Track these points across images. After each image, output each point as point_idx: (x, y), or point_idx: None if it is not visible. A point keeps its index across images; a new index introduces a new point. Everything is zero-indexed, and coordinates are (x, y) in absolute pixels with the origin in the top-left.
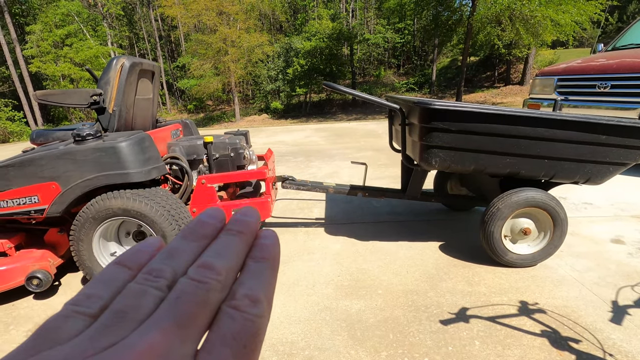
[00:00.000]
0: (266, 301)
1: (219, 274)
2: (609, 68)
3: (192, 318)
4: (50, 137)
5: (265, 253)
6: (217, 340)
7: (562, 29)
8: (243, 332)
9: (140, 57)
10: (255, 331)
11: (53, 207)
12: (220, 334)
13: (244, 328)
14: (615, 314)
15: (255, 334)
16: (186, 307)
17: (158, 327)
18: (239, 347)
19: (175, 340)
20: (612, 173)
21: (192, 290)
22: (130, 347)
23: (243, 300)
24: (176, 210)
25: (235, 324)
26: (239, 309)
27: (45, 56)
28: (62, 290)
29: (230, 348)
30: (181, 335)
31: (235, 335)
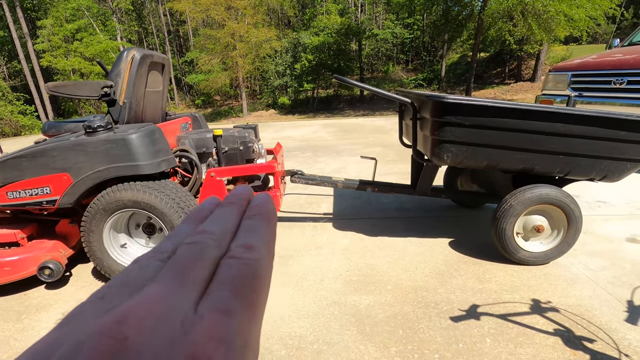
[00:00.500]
0: (264, 247)
1: (212, 233)
2: (626, 63)
3: (187, 269)
4: (62, 128)
5: (257, 210)
6: (216, 285)
7: (576, 24)
8: (241, 274)
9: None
10: (253, 272)
11: (64, 198)
12: (218, 279)
13: (241, 271)
14: (631, 314)
15: (254, 274)
16: (181, 262)
17: (156, 282)
18: (237, 286)
19: (174, 288)
20: (629, 170)
21: (187, 250)
22: (131, 300)
23: (238, 250)
24: (185, 203)
25: (232, 269)
26: (235, 257)
27: (56, 50)
28: (73, 280)
29: (229, 289)
30: (178, 284)
31: (233, 277)
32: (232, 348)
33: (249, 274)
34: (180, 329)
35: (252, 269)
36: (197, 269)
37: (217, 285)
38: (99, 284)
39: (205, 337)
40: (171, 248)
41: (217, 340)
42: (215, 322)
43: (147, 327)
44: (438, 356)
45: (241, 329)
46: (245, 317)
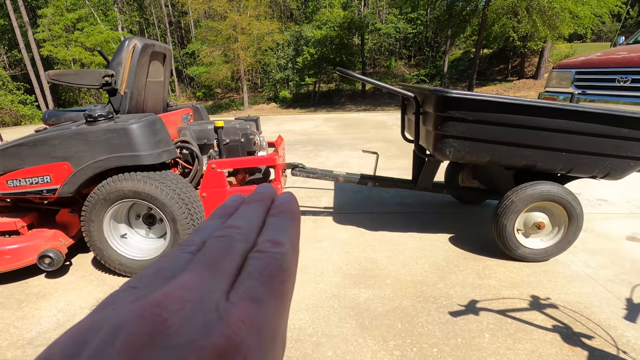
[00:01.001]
0: (289, 243)
1: (239, 228)
2: (631, 61)
3: (218, 260)
4: (62, 117)
5: (282, 208)
6: (245, 276)
7: (581, 22)
8: (269, 266)
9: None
10: (280, 265)
11: (65, 188)
12: (247, 271)
13: (269, 263)
14: (630, 312)
15: (281, 267)
16: (211, 253)
17: (188, 271)
18: (266, 277)
19: (206, 277)
20: (632, 168)
21: (216, 242)
22: (166, 287)
23: (265, 244)
24: (186, 194)
25: (260, 261)
26: (262, 251)
27: (57, 40)
28: (73, 269)
29: (258, 280)
30: (210, 274)
31: (262, 269)
32: (263, 334)
33: (276, 266)
34: (215, 314)
35: (279, 262)
36: (227, 260)
37: (246, 276)
38: (99, 274)
39: (239, 321)
40: (199, 241)
41: (249, 325)
42: (247, 309)
43: (184, 311)
44: (436, 350)
45: (271, 318)
46: (274, 307)
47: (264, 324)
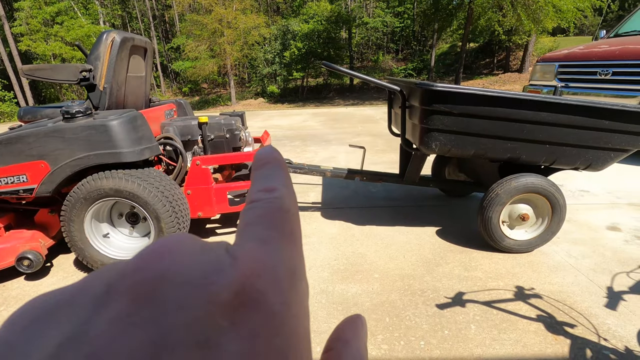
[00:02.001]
0: (282, 186)
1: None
2: (612, 54)
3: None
4: (38, 114)
5: (265, 159)
6: (244, 225)
7: (564, 16)
8: (268, 211)
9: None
10: (280, 207)
11: (42, 187)
12: (245, 221)
13: (267, 209)
14: (610, 300)
15: (282, 209)
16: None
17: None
18: (269, 221)
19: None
20: (613, 159)
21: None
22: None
23: (258, 194)
24: (170, 192)
25: (257, 209)
26: (256, 200)
27: (35, 34)
28: (54, 271)
29: (261, 224)
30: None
31: (261, 215)
32: (279, 272)
33: (276, 209)
34: (226, 254)
35: (277, 204)
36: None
37: (245, 224)
38: (81, 275)
39: (252, 260)
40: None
41: (263, 263)
42: (257, 249)
43: (190, 255)
44: (424, 343)
45: (284, 256)
46: (285, 245)
47: (279, 262)
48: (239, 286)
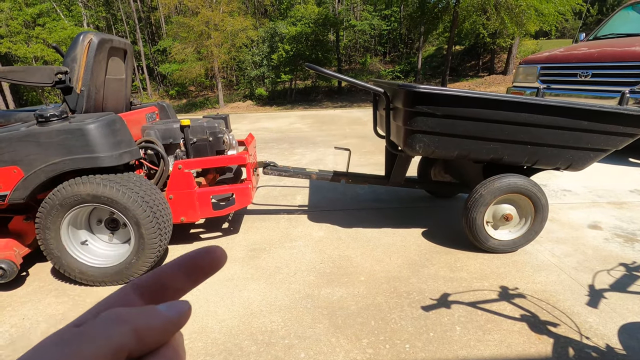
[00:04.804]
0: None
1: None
2: (591, 57)
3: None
4: (12, 118)
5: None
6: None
7: (546, 19)
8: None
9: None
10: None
11: (15, 193)
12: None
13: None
14: (592, 298)
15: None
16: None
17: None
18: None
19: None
20: (592, 159)
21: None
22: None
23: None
24: (150, 197)
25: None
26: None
27: (16, 36)
28: (30, 280)
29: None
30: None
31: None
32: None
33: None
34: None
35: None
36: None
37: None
38: (59, 284)
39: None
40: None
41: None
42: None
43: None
44: (409, 346)
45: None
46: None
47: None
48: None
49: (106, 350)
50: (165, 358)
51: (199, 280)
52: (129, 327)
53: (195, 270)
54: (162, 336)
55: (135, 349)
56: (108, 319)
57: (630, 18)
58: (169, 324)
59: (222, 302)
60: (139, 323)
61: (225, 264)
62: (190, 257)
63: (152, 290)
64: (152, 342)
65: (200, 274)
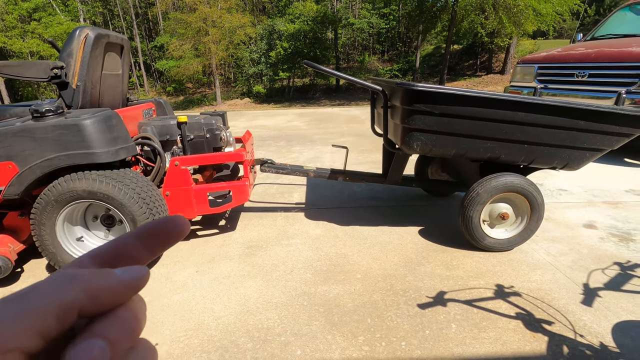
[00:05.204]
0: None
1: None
2: (588, 57)
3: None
4: (7, 113)
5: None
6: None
7: (543, 19)
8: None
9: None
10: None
11: (10, 189)
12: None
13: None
14: (586, 296)
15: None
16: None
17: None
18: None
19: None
20: (588, 159)
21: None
22: None
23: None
24: (147, 193)
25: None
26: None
27: (11, 31)
28: (25, 277)
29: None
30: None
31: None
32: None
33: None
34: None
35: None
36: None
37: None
38: None
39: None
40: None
41: None
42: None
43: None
44: (405, 343)
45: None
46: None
47: None
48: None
49: (53, 305)
50: (122, 319)
51: (157, 249)
52: (80, 286)
53: (154, 239)
54: (116, 297)
55: (87, 306)
56: (59, 278)
57: (627, 19)
58: (122, 286)
59: (219, 299)
60: (90, 282)
61: (183, 237)
62: (148, 226)
63: (109, 259)
64: (106, 302)
65: (159, 243)
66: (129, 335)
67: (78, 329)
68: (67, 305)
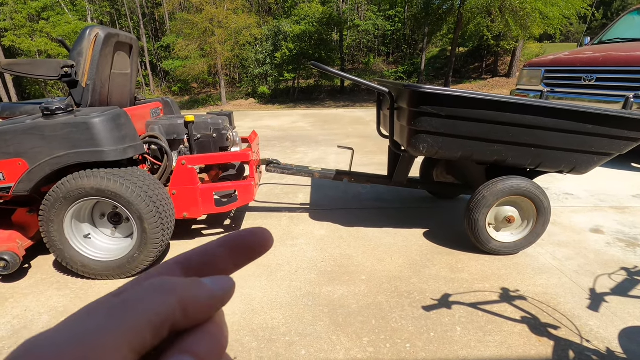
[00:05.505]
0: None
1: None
2: (595, 61)
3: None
4: (17, 111)
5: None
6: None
7: (550, 22)
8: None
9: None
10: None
11: (20, 186)
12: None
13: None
14: (593, 301)
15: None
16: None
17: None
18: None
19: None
20: (596, 163)
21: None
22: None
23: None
24: (154, 192)
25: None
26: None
27: (20, 30)
28: (32, 273)
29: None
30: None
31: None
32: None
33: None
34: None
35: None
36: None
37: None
38: (61, 277)
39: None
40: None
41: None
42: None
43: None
44: (409, 345)
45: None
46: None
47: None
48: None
49: (150, 321)
50: (210, 334)
51: (244, 262)
52: (174, 298)
53: (241, 251)
54: (207, 311)
55: (179, 321)
56: (153, 288)
57: (635, 23)
58: (214, 299)
59: None
60: (184, 294)
61: (267, 251)
62: (236, 236)
63: (195, 267)
64: (197, 317)
65: (245, 255)
66: (217, 352)
67: (163, 345)
68: (162, 320)
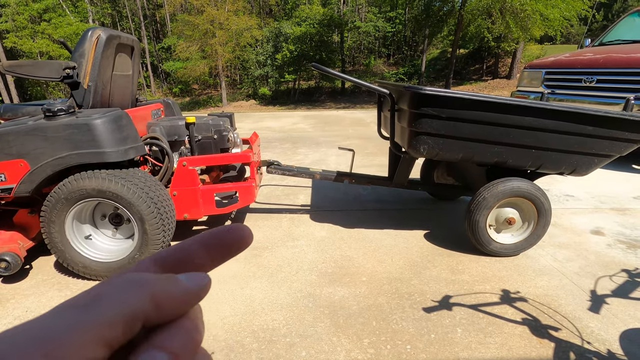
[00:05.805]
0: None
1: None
2: (596, 62)
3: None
4: (19, 112)
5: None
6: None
7: (551, 24)
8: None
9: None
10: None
11: (21, 187)
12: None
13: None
14: (593, 303)
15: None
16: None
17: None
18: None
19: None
20: (597, 165)
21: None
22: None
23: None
24: (155, 193)
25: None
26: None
27: (22, 31)
28: (33, 273)
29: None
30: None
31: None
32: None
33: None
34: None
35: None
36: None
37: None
38: (62, 277)
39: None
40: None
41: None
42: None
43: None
44: (410, 347)
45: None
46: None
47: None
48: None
49: (122, 314)
50: (184, 329)
51: (221, 259)
52: (147, 292)
53: (218, 248)
54: (181, 306)
55: (152, 316)
56: (126, 282)
57: (636, 24)
58: (188, 294)
59: (224, 299)
60: (157, 289)
61: (246, 248)
62: (213, 233)
63: (171, 264)
64: (170, 312)
65: (223, 252)
66: (191, 347)
67: (137, 340)
68: (136, 314)
